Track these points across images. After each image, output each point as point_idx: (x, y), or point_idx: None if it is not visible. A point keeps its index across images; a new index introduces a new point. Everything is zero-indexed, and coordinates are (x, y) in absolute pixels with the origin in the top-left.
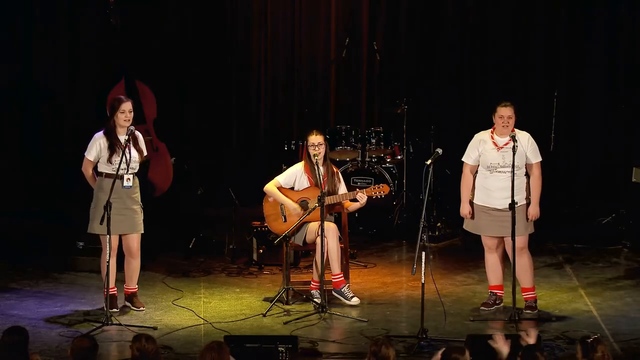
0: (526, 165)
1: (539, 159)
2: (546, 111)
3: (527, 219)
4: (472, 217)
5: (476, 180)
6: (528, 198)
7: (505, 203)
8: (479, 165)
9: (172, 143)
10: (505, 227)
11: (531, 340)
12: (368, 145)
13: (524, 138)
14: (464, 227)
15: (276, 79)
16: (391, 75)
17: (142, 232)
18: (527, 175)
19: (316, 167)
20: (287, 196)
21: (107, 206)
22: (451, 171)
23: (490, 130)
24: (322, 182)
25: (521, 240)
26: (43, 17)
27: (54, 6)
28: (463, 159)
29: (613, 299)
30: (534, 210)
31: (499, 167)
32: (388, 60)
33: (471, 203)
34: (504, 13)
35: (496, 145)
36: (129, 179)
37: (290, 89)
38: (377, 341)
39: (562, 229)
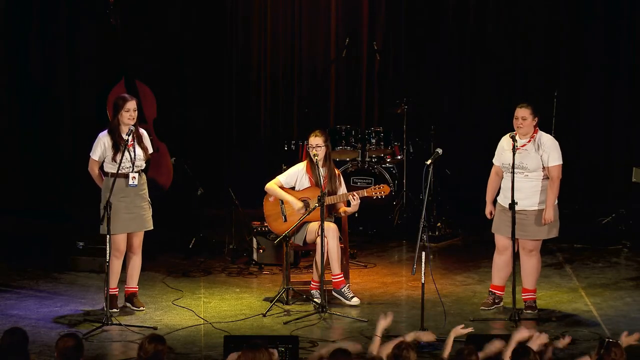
0: (544, 168)
1: (558, 162)
2: (546, 111)
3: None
4: (493, 216)
5: (502, 181)
6: (545, 203)
7: (518, 204)
8: None
9: (172, 143)
10: (520, 230)
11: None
12: (368, 145)
13: (543, 140)
14: (492, 229)
15: (276, 79)
16: (391, 75)
17: (152, 228)
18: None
19: (316, 168)
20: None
21: (107, 206)
22: (451, 171)
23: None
24: (322, 182)
25: (532, 243)
26: (42, 17)
27: (53, 6)
28: (493, 160)
29: (613, 299)
30: (547, 214)
31: (511, 168)
32: (388, 60)
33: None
34: (504, 13)
35: (512, 145)
36: (134, 177)
37: (290, 89)
38: (399, 344)
39: (562, 229)
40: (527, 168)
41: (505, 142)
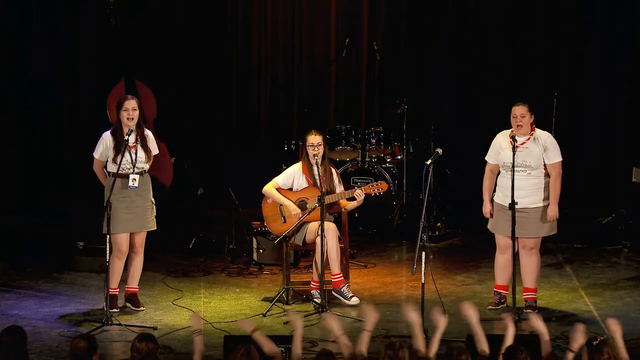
0: (546, 165)
1: (558, 159)
2: (546, 111)
3: (547, 219)
4: (492, 215)
5: (498, 179)
6: (546, 200)
7: (519, 202)
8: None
9: (172, 143)
10: (520, 228)
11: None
12: (368, 145)
13: (543, 138)
14: (487, 226)
15: (276, 79)
16: (391, 75)
17: (154, 229)
18: (549, 176)
19: (316, 167)
20: (285, 197)
21: (107, 206)
22: (451, 171)
23: (511, 129)
24: (321, 182)
25: (533, 241)
26: (42, 17)
27: (53, 6)
28: (485, 158)
29: (613, 299)
30: (552, 211)
31: (511, 167)
32: (388, 60)
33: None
34: (504, 13)
35: (512, 144)
36: (134, 179)
37: (290, 89)
38: (393, 344)
39: (562, 229)
40: (530, 166)
41: (502, 140)
